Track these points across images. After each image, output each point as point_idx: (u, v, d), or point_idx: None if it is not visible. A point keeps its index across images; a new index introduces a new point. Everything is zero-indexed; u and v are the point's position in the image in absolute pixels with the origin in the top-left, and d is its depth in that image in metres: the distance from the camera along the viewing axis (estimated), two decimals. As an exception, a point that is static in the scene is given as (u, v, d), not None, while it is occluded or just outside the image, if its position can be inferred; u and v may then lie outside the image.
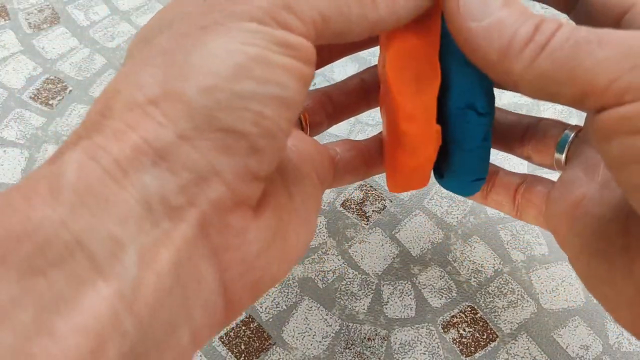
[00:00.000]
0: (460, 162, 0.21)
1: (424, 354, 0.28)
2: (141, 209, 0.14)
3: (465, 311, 0.30)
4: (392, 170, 0.22)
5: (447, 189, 0.23)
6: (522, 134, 0.24)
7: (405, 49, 0.19)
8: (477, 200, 0.26)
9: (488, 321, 0.29)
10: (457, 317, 0.30)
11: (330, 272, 0.31)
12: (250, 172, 0.16)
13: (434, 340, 0.29)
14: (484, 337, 0.29)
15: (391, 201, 0.34)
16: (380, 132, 0.24)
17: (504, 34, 0.16)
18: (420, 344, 0.29)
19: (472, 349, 0.29)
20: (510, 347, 0.29)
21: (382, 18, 0.17)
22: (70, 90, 0.38)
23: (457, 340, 0.29)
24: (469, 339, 0.29)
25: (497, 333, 0.29)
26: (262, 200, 0.17)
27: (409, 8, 0.17)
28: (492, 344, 0.29)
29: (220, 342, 0.29)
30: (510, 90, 0.17)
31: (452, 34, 0.17)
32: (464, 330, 0.29)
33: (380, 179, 0.35)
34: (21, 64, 0.40)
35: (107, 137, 0.14)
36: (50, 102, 0.38)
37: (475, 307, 0.30)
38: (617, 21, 0.19)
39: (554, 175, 0.22)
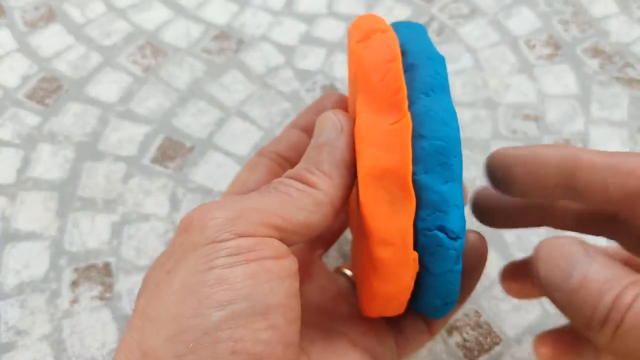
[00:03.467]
0: (428, 285, 0.19)
1: (427, 357, 0.28)
2: None
3: (469, 315, 0.29)
4: (365, 294, 0.20)
5: (414, 309, 0.21)
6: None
7: (376, 172, 0.18)
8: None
9: (492, 325, 0.29)
10: (461, 321, 0.29)
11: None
12: None
13: (437, 344, 0.28)
14: (488, 341, 0.28)
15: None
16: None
17: (584, 309, 0.15)
18: (424, 347, 0.28)
19: (476, 353, 0.28)
20: (515, 352, 0.28)
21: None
22: (66, 90, 0.38)
23: (461, 344, 0.28)
24: (473, 342, 0.28)
25: (501, 337, 0.28)
26: None
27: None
28: (496, 348, 0.28)
29: None
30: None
31: None
32: (468, 334, 0.29)
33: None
34: (16, 62, 0.39)
35: None
36: (46, 101, 0.37)
37: (480, 310, 0.29)
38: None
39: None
